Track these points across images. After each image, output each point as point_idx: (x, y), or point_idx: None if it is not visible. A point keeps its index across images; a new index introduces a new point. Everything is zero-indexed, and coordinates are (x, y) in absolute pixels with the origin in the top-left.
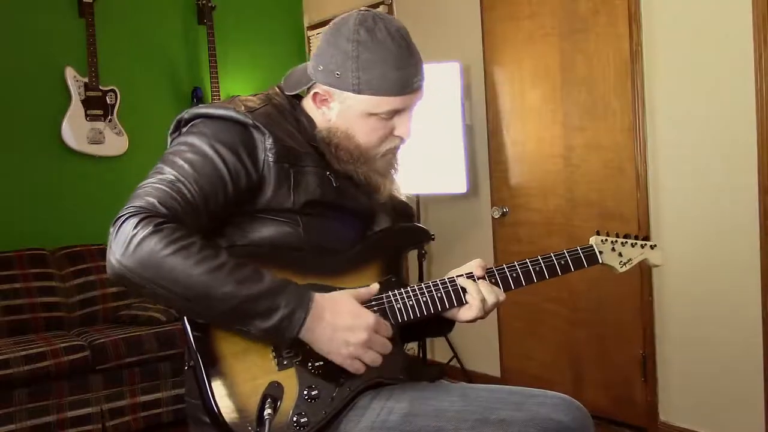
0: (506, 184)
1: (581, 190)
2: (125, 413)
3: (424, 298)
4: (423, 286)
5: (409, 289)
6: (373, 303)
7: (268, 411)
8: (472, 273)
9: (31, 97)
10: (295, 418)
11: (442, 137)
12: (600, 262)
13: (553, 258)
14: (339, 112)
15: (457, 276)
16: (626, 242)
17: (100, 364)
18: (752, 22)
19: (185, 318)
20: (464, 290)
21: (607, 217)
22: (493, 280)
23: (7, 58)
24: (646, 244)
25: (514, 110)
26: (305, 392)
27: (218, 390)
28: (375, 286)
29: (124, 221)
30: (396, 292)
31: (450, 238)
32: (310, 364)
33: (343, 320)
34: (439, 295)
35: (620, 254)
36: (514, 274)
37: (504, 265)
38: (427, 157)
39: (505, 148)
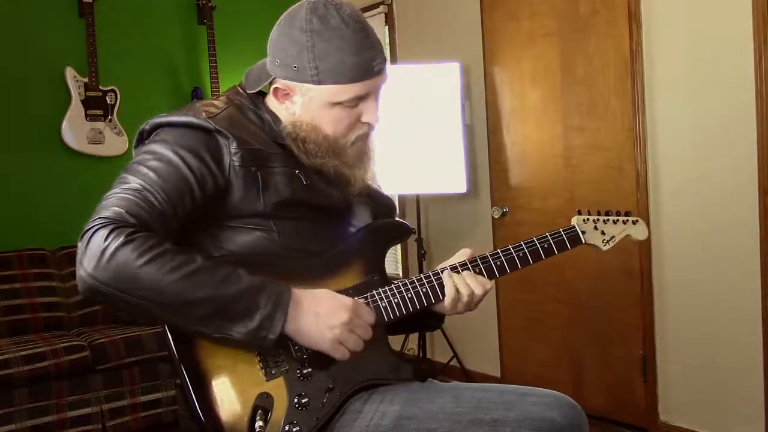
0: (506, 184)
1: (581, 190)
2: (125, 413)
3: (409, 295)
4: (407, 282)
5: (393, 286)
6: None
7: (259, 423)
8: (455, 264)
9: (31, 97)
10: (287, 428)
11: (442, 137)
12: (583, 242)
13: (536, 242)
14: (302, 104)
15: (441, 269)
16: (608, 219)
17: (100, 364)
18: (752, 22)
19: (169, 337)
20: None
21: None
22: (478, 270)
23: (7, 58)
24: (627, 220)
25: (514, 110)
26: (295, 400)
27: (208, 406)
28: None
29: (93, 234)
30: (380, 290)
31: (450, 238)
32: (297, 371)
33: (323, 306)
34: (424, 290)
35: (603, 232)
36: (498, 262)
37: (487, 254)
38: (427, 157)
39: (505, 148)
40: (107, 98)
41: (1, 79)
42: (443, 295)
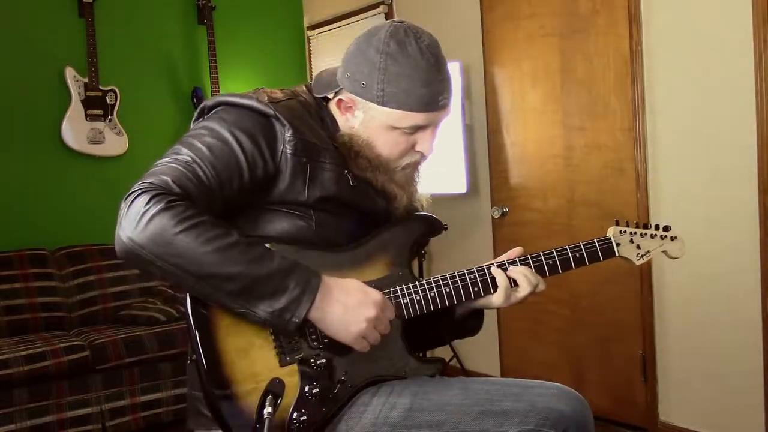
0: (506, 184)
1: (581, 190)
2: (125, 413)
3: (432, 293)
4: (432, 280)
5: (417, 283)
6: None
7: (268, 410)
8: (503, 262)
9: (31, 97)
10: (295, 415)
11: (442, 137)
12: (617, 255)
13: (568, 251)
14: (362, 121)
15: (477, 268)
16: (645, 233)
17: (100, 364)
18: (752, 22)
19: (189, 312)
20: (494, 279)
21: (607, 217)
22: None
23: (7, 58)
24: (666, 236)
25: (514, 110)
26: (306, 389)
27: (219, 385)
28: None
29: (136, 197)
30: (404, 286)
31: (450, 238)
32: (312, 361)
33: (353, 298)
34: (447, 290)
35: (638, 246)
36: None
37: (516, 258)
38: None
39: (505, 148)
40: (107, 98)
41: (1, 79)
42: (467, 296)
